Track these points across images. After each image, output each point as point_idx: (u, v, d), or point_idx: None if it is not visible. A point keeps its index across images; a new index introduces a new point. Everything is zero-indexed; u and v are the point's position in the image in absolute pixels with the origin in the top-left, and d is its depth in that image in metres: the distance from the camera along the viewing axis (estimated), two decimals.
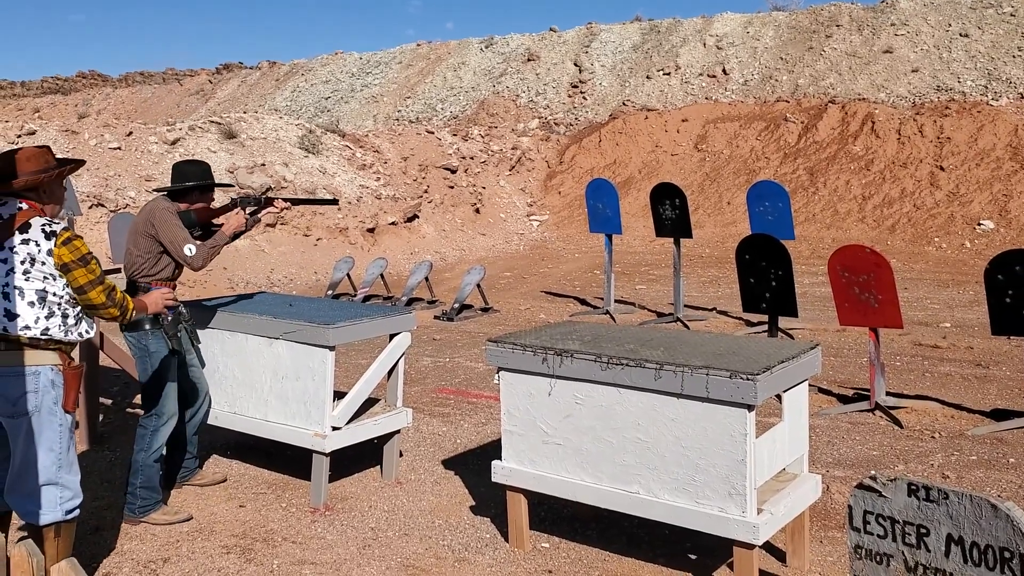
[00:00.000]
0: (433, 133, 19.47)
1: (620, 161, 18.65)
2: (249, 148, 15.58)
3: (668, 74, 21.83)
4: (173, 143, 14.97)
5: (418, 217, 15.92)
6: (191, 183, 4.69)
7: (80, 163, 3.74)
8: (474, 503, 4.70)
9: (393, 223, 15.29)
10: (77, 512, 3.48)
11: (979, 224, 13.65)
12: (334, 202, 5.45)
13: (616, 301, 10.26)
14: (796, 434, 3.81)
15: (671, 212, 9.62)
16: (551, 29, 26.30)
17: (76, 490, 3.47)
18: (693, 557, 4.02)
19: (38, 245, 3.34)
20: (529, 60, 24.86)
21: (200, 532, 4.35)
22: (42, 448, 3.36)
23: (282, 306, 5.10)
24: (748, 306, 7.40)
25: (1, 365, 3.30)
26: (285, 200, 5.01)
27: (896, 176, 15.26)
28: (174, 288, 4.59)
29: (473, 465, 5.25)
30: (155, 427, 4.46)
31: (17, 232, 3.35)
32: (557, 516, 4.47)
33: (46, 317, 3.34)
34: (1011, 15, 18.59)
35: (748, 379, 3.34)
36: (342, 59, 30.89)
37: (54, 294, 3.36)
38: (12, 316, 3.30)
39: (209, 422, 5.18)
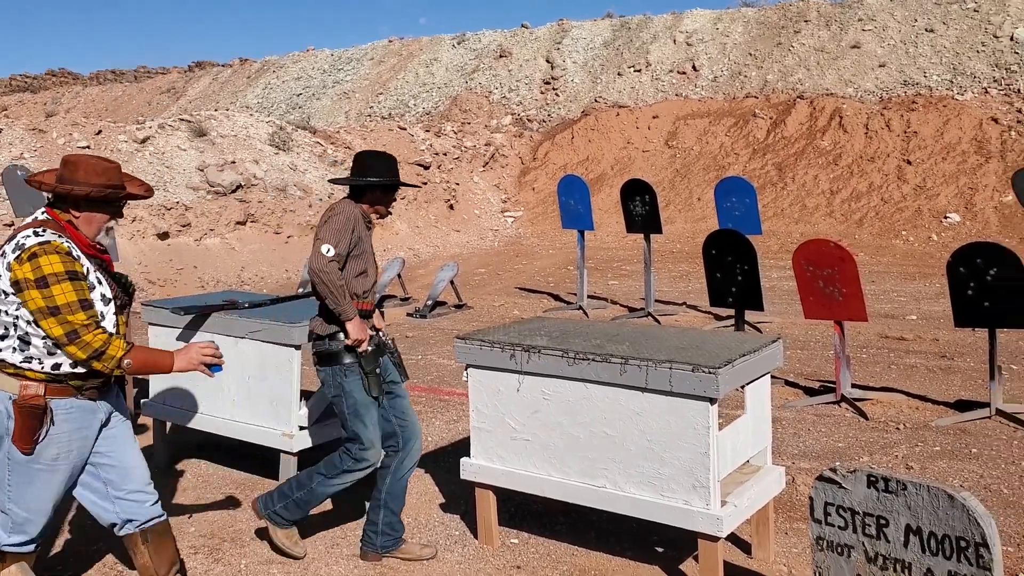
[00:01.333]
0: (405, 129, 19.43)
1: (593, 158, 18.71)
2: (219, 146, 15.48)
3: (639, 71, 21.90)
4: (143, 142, 14.84)
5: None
6: (374, 179, 3.88)
7: (142, 197, 3.31)
8: (444, 500, 4.71)
9: None
10: (28, 548, 3.16)
11: (945, 217, 13.83)
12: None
13: (589, 297, 10.30)
14: (759, 426, 3.86)
15: (642, 208, 9.68)
16: (523, 26, 26.30)
17: (13, 516, 3.10)
18: (660, 550, 4.06)
19: (3, 257, 2.99)
20: (501, 56, 24.85)
21: None
22: None
23: (254, 304, 5.09)
24: (715, 300, 7.46)
25: None
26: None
27: (864, 170, 15.41)
28: (370, 314, 3.90)
29: (444, 462, 5.26)
30: (355, 462, 3.83)
31: (5, 244, 3.05)
32: (527, 512, 4.49)
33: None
34: (975, 10, 18.82)
35: (710, 373, 3.38)
36: (314, 56, 30.73)
37: (6, 313, 2.99)
38: None
39: (177, 422, 5.16)
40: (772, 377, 4.73)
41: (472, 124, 21.14)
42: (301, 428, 4.63)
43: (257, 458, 5.15)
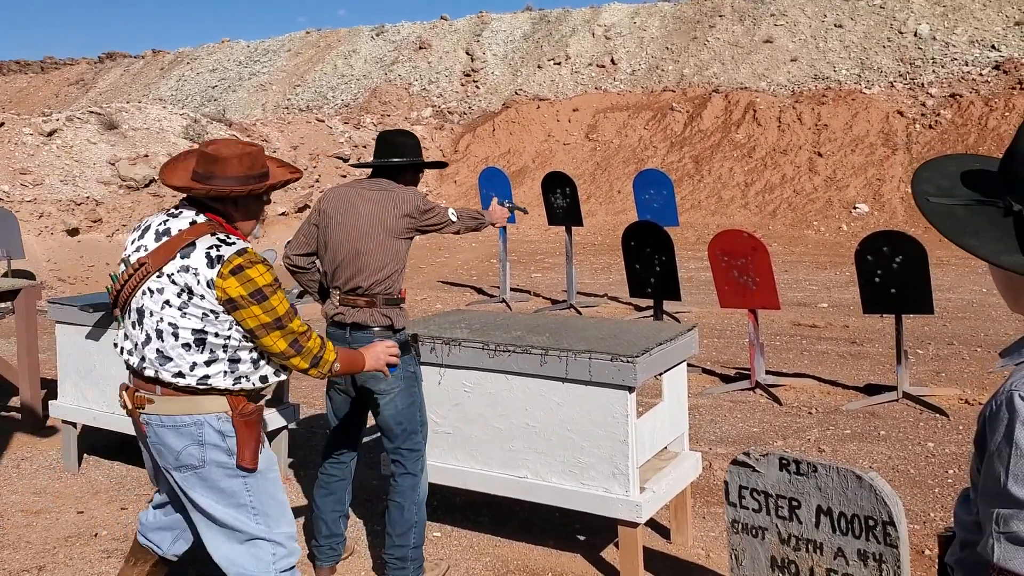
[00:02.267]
0: (324, 121, 19.17)
1: (514, 150, 18.76)
2: (131, 139, 15.04)
3: (559, 64, 22.03)
4: (50, 134, 14.33)
5: (309, 207, 15.67)
6: (408, 160, 3.70)
7: (289, 181, 2.93)
8: (367, 497, 4.67)
9: (283, 213, 15.01)
10: (293, 572, 2.90)
11: (855, 208, 14.27)
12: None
13: (512, 289, 10.34)
14: (676, 413, 3.93)
15: (562, 201, 9.74)
16: (442, 17, 26.20)
17: (288, 546, 2.86)
18: (581, 538, 4.10)
19: (197, 274, 2.64)
20: (421, 48, 24.71)
21: (79, 537, 4.21)
22: (223, 506, 2.76)
23: None
24: (635, 291, 7.56)
25: (160, 414, 2.71)
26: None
27: (777, 162, 15.79)
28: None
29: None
30: (421, 468, 3.67)
31: (179, 255, 2.68)
32: (449, 505, 4.49)
33: (205, 363, 2.67)
34: (880, 7, 19.43)
35: (628, 362, 3.43)
36: (229, 47, 30.08)
37: (216, 335, 2.67)
38: (165, 359, 2.67)
39: (89, 424, 5.01)
40: (689, 365, 4.82)
41: (392, 116, 20.98)
42: None
43: None
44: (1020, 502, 1.23)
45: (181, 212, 2.77)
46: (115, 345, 2.88)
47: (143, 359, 2.70)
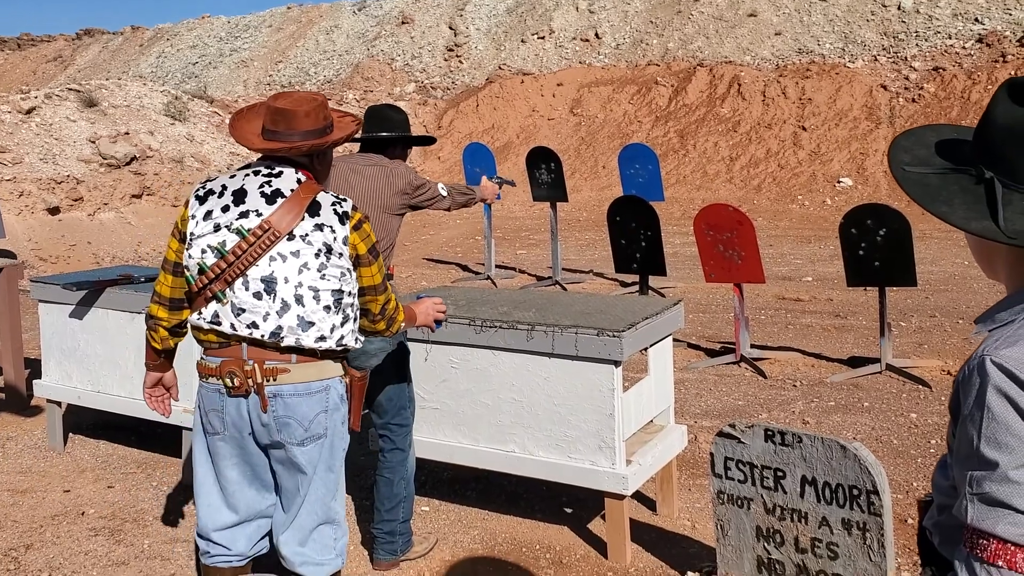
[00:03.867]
0: None
1: (498, 126, 18.68)
2: (111, 117, 14.89)
3: (542, 38, 21.91)
4: (28, 112, 14.17)
5: None
6: (399, 134, 3.69)
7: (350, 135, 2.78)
8: (355, 473, 4.68)
9: None
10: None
11: (839, 182, 14.31)
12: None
13: (497, 266, 10.33)
14: (662, 387, 3.95)
15: (547, 176, 9.72)
16: None
17: (345, 525, 2.84)
18: (569, 511, 4.13)
19: (333, 231, 2.57)
20: (403, 23, 24.51)
21: (66, 515, 4.21)
22: (321, 480, 2.70)
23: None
24: (620, 266, 7.57)
25: (295, 383, 2.59)
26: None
27: (761, 137, 15.80)
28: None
29: (353, 434, 5.22)
30: (409, 443, 3.66)
31: (307, 214, 2.58)
32: (437, 479, 4.51)
33: (341, 323, 2.61)
34: None
35: (614, 336, 3.44)
36: (209, 23, 29.75)
37: (349, 293, 2.62)
38: (307, 325, 2.56)
39: (73, 403, 4.99)
40: (674, 339, 4.84)
41: (375, 92, 20.84)
42: None
43: (158, 436, 5.03)
44: (992, 464, 1.25)
45: (276, 170, 2.64)
46: (207, 323, 2.60)
47: (279, 328, 2.54)
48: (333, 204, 2.61)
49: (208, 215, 2.60)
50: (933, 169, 1.41)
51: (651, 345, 3.79)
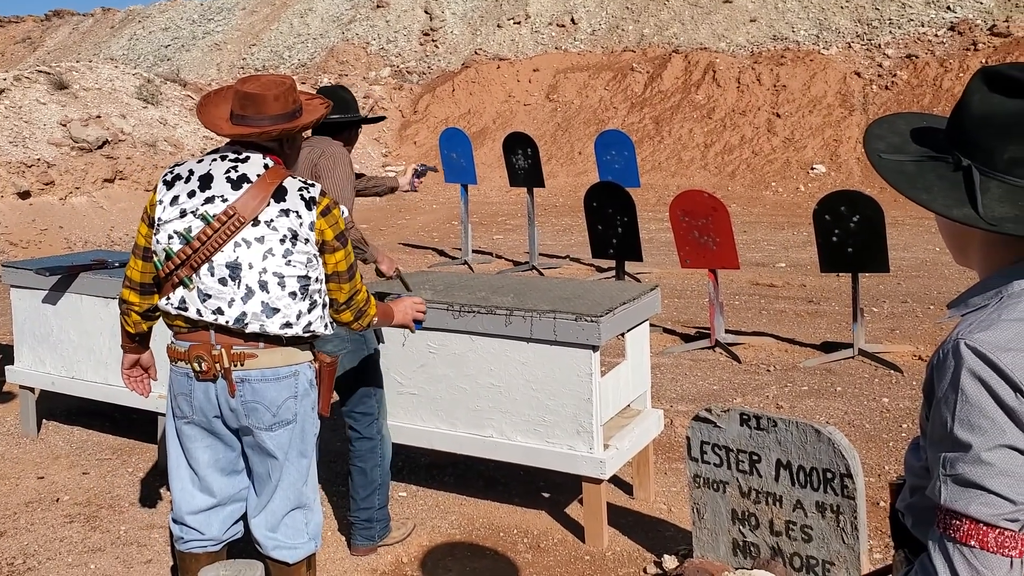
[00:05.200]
0: None
1: (474, 111, 18.62)
2: (83, 99, 14.69)
3: (518, 23, 21.84)
4: None
5: None
6: (355, 117, 3.64)
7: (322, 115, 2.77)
8: (332, 459, 4.68)
9: None
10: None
11: (812, 168, 14.40)
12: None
13: (474, 251, 10.32)
14: (639, 372, 3.98)
15: (524, 162, 9.72)
16: None
17: (318, 508, 2.85)
18: (546, 495, 4.16)
19: (300, 217, 2.56)
20: (378, 7, 24.34)
21: (40, 502, 4.18)
22: (293, 465, 2.72)
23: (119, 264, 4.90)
24: (596, 252, 7.60)
25: (263, 368, 2.60)
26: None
27: (736, 124, 15.86)
28: None
29: (328, 421, 5.22)
30: (380, 430, 3.65)
31: (273, 200, 2.56)
32: (414, 465, 4.52)
33: (308, 310, 2.60)
34: None
35: (592, 321, 3.46)
36: (182, 5, 29.38)
37: (316, 279, 2.61)
38: (271, 311, 2.55)
39: (47, 388, 4.95)
40: (651, 325, 4.87)
41: (350, 76, 20.70)
42: None
43: (133, 422, 5.00)
44: (966, 445, 1.28)
45: (244, 155, 2.63)
46: (174, 308, 2.60)
47: (244, 315, 2.54)
48: (300, 189, 2.60)
49: (175, 200, 2.60)
50: (909, 157, 1.42)
51: (628, 330, 3.81)
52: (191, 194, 2.58)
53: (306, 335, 2.61)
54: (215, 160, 2.64)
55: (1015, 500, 1.26)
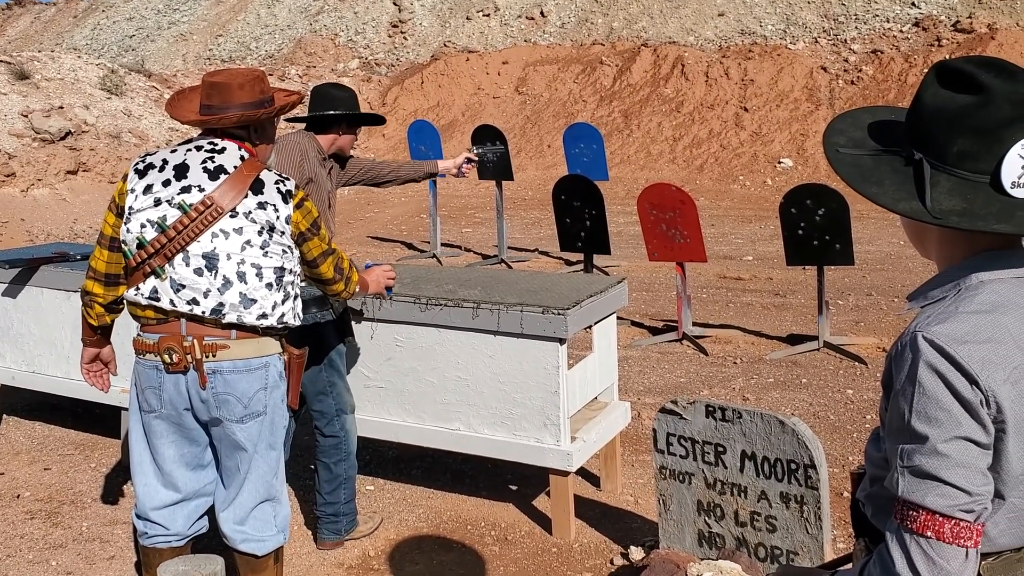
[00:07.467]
0: None
1: (443, 103, 18.56)
2: (45, 90, 14.46)
3: (488, 15, 21.80)
4: None
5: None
6: (339, 112, 3.67)
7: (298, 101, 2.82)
8: (299, 453, 4.65)
9: None
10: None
11: (779, 162, 14.52)
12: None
13: (443, 244, 10.30)
14: (606, 364, 3.99)
15: (492, 155, 9.69)
16: None
17: (286, 501, 2.84)
18: (514, 488, 4.16)
19: (276, 210, 2.59)
20: None
21: (0, 498, 4.11)
22: (262, 457, 2.70)
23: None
24: (565, 245, 7.61)
25: (235, 359, 2.58)
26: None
27: (704, 117, 15.94)
28: None
29: (296, 414, 5.19)
30: (343, 426, 3.62)
31: (251, 192, 2.58)
32: (381, 459, 4.50)
33: (282, 301, 2.62)
34: None
35: (559, 314, 3.46)
36: None
37: (291, 271, 2.66)
38: (249, 302, 2.56)
39: (7, 383, 4.87)
40: (618, 317, 4.89)
41: (318, 68, 20.55)
42: None
43: (96, 417, 4.94)
44: (923, 437, 1.29)
45: (220, 146, 2.63)
46: (144, 299, 2.57)
47: (221, 305, 2.54)
48: (276, 183, 2.62)
49: (148, 189, 2.57)
50: (866, 151, 1.44)
51: (595, 323, 3.82)
52: (166, 183, 2.57)
53: (279, 326, 2.63)
54: (189, 150, 2.63)
55: (971, 491, 1.28)
